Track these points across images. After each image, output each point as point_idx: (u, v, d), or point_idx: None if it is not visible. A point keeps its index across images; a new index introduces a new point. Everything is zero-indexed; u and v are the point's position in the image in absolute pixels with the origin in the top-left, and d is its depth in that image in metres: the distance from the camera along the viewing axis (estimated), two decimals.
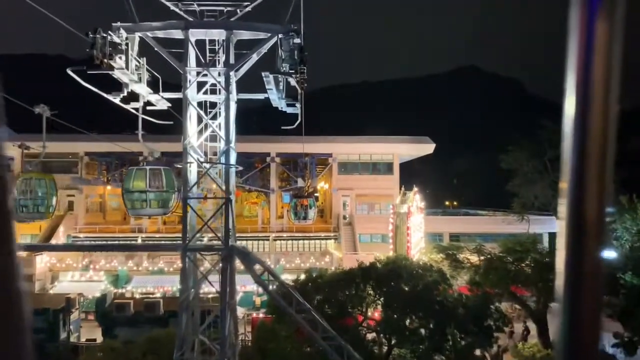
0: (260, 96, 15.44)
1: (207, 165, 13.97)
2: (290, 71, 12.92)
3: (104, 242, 40.62)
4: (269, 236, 42.24)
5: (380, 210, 43.73)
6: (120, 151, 36.79)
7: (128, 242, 41.39)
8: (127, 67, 13.51)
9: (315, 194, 68.22)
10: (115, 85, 13.88)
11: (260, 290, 39.62)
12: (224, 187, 13.55)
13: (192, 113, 15.15)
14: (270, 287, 15.71)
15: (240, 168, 17.96)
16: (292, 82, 15.25)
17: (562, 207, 0.84)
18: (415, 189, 33.66)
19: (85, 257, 42.38)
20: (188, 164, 13.47)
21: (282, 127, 17.58)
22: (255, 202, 48.02)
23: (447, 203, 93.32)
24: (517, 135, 36.10)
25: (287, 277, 41.69)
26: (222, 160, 13.68)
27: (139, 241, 41.29)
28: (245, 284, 38.83)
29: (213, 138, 15.85)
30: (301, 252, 42.65)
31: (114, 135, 36.44)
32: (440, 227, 41.19)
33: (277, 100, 15.20)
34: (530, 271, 26.22)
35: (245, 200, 53.94)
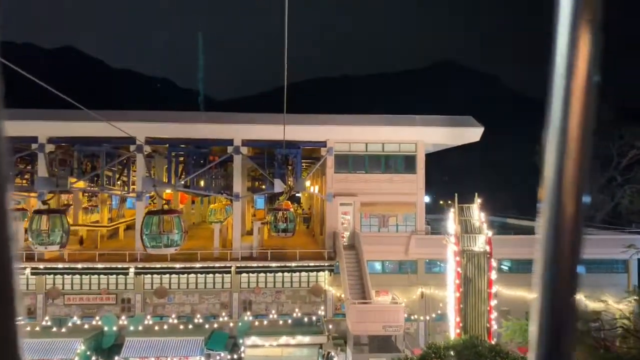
0: None
1: None
2: None
3: None
4: (230, 267, 27.59)
5: (397, 226, 29.56)
6: None
7: None
8: None
9: (297, 195, 53.18)
10: None
11: None
12: None
13: None
14: None
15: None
16: None
17: (542, 205, 0.85)
18: (478, 200, 19.67)
19: None
20: None
21: None
22: (175, 202, 32.58)
23: (441, 203, 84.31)
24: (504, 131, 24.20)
25: (257, 344, 27.15)
26: None
27: None
28: (187, 355, 24.16)
29: None
30: (279, 290, 28.25)
31: None
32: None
33: None
34: None
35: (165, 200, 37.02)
